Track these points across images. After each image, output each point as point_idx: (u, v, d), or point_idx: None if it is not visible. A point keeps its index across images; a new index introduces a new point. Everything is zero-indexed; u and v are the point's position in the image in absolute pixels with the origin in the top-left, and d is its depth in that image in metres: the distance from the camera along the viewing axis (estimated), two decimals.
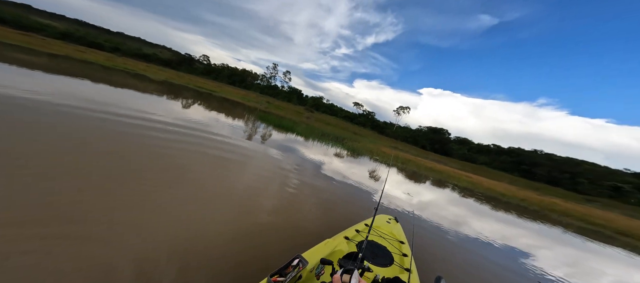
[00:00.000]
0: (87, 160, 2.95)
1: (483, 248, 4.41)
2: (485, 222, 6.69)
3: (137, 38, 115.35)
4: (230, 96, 28.05)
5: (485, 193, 13.18)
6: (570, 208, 15.00)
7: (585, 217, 12.87)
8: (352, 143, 17.56)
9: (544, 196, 19.28)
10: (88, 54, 27.02)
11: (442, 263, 3.28)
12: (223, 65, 74.63)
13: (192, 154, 4.32)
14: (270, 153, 6.43)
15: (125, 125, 4.79)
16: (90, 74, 12.17)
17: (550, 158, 55.17)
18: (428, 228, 4.55)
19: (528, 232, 7.08)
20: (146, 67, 33.81)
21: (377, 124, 65.72)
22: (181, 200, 2.68)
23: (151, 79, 19.75)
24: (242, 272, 1.86)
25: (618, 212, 21.90)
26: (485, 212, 8.30)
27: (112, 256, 1.68)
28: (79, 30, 64.25)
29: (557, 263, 4.85)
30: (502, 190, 15.69)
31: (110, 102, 6.57)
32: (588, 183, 45.68)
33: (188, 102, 12.32)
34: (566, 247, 6.46)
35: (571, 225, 9.90)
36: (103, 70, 16.10)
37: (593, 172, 49.58)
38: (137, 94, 10.24)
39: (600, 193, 42.13)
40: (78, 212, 2.03)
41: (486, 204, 9.76)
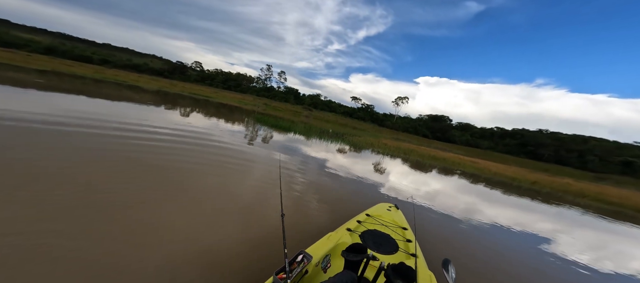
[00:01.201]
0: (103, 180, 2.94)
1: (497, 234, 4.15)
2: (498, 208, 6.19)
3: (126, 49, 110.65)
4: (227, 101, 27.73)
5: (494, 178, 12.45)
6: (584, 188, 14.10)
7: (600, 197, 12.02)
8: (352, 139, 16.98)
9: (555, 177, 18.32)
10: (77, 68, 26.57)
11: (450, 248, 3.14)
12: (217, 70, 73.79)
13: (196, 163, 4.26)
14: (272, 155, 6.27)
15: (132, 139, 4.82)
16: (85, 89, 11.91)
17: (555, 138, 53.23)
18: (434, 215, 4.36)
19: (544, 215, 6.49)
20: (138, 77, 33.20)
21: (376, 116, 64.64)
22: (190, 208, 2.68)
23: (145, 90, 19.36)
24: (251, 271, 1.84)
25: (634, 189, 20.73)
26: (496, 198, 7.70)
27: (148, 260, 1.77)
28: (65, 44, 63.38)
29: (581, 247, 4.35)
30: (511, 174, 14.87)
31: (115, 117, 6.62)
32: (598, 160, 43.96)
33: (186, 111, 12.00)
34: (588, 230, 5.87)
35: (589, 206, 9.15)
36: (96, 84, 15.79)
37: (601, 148, 47.63)
38: (136, 106, 9.98)
39: (611, 169, 40.48)
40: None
41: (496, 189, 9.12)
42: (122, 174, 3.20)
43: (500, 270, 2.90)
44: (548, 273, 3.07)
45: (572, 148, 48.04)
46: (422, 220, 3.73)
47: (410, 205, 4.04)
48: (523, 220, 5.51)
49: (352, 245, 1.33)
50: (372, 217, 2.32)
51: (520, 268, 3.08)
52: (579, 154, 46.32)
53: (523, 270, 3.05)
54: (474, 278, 2.52)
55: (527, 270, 3.05)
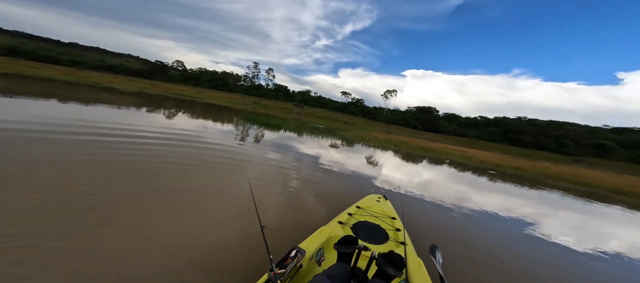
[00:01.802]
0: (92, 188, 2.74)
1: (483, 219, 4.22)
2: (484, 195, 6.29)
3: (97, 48, 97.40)
4: (215, 101, 26.77)
5: (481, 166, 12.77)
6: (562, 171, 14.78)
7: (577, 179, 12.63)
8: (344, 133, 16.90)
9: (535, 162, 19.12)
10: (42, 70, 24.50)
11: (437, 234, 3.21)
12: (201, 69, 70.71)
13: (185, 164, 4.09)
14: (264, 154, 6.10)
15: (114, 144, 4.49)
16: (56, 93, 10.98)
17: (533, 124, 55.77)
18: (421, 204, 4.42)
19: (527, 199, 6.68)
20: (113, 78, 31.08)
21: (367, 110, 64.96)
22: (182, 210, 2.59)
23: (123, 92, 18.20)
24: (247, 269, 1.80)
25: (606, 170, 22.05)
26: (483, 185, 7.87)
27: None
28: (25, 43, 57.64)
29: (565, 229, 4.47)
30: (496, 161, 15.33)
31: (95, 121, 6.20)
32: (573, 144, 46.48)
33: (171, 112, 11.38)
34: (569, 212, 6.06)
35: (567, 189, 9.56)
36: (68, 87, 14.66)
37: (575, 132, 50.40)
38: (116, 109, 9.31)
39: (585, 152, 42.92)
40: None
41: (482, 177, 9.32)
42: (107, 179, 2.98)
43: (485, 253, 2.93)
44: (530, 255, 3.13)
45: (549, 133, 50.52)
46: (410, 209, 3.80)
47: (398, 195, 4.12)
48: (508, 205, 5.62)
49: (344, 237, 1.34)
50: (362, 209, 2.34)
51: (504, 250, 3.12)
52: (555, 139, 48.78)
53: (507, 252, 3.09)
54: (461, 261, 2.58)
55: (511, 253, 3.10)
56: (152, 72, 62.40)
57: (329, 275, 1.09)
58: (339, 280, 1.11)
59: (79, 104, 8.83)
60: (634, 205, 8.24)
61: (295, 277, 1.23)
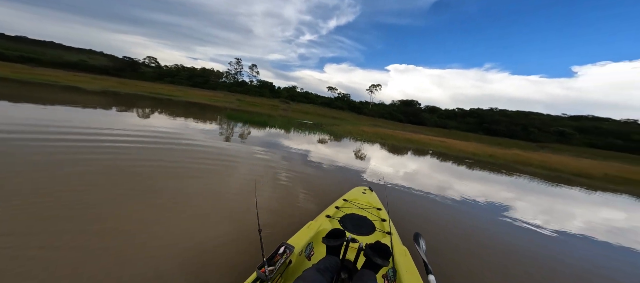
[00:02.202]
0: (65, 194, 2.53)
1: (462, 206, 4.40)
2: (462, 182, 6.60)
3: (51, 43, 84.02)
4: (195, 99, 25.41)
5: (459, 155, 13.45)
6: (530, 157, 16.05)
7: (543, 164, 13.78)
8: (332, 128, 16.88)
9: (507, 149, 20.58)
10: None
11: (420, 222, 3.32)
12: (178, 66, 66.38)
13: (173, 167, 3.87)
14: (252, 152, 5.91)
15: (83, 147, 4.15)
16: (5, 93, 9.63)
17: (504, 114, 59.95)
18: (405, 193, 4.54)
19: (501, 185, 7.10)
20: (73, 76, 28.12)
21: (353, 105, 65.62)
22: (168, 212, 2.49)
23: (88, 91, 16.50)
24: (236, 269, 1.75)
25: (567, 155, 24.37)
26: (461, 173, 8.25)
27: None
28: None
29: (534, 211, 4.77)
30: (472, 149, 16.24)
31: (62, 123, 5.69)
32: (538, 131, 50.66)
33: (147, 112, 10.52)
34: (537, 195, 6.52)
35: (535, 173, 10.38)
36: (22, 87, 13.01)
37: (539, 120, 54.98)
38: (84, 110, 8.39)
39: (548, 139, 47.06)
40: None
41: (461, 165, 9.79)
42: (82, 184, 2.76)
43: (465, 237, 3.08)
44: (506, 237, 3.32)
45: (518, 122, 54.61)
46: (395, 199, 3.86)
47: (383, 186, 4.20)
48: (484, 190, 5.95)
49: (332, 230, 1.36)
50: (349, 202, 2.37)
51: (482, 234, 3.29)
52: (523, 127, 52.85)
53: (485, 236, 3.25)
54: (443, 246, 2.68)
55: (489, 236, 3.27)
56: (120, 69, 57.41)
57: (319, 269, 1.09)
58: (329, 273, 1.11)
59: (40, 105, 7.85)
60: (591, 186, 9.17)
61: (285, 273, 1.22)
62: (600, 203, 6.72)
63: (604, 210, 5.92)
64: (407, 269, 1.32)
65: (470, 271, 2.31)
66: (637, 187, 10.60)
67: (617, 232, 4.23)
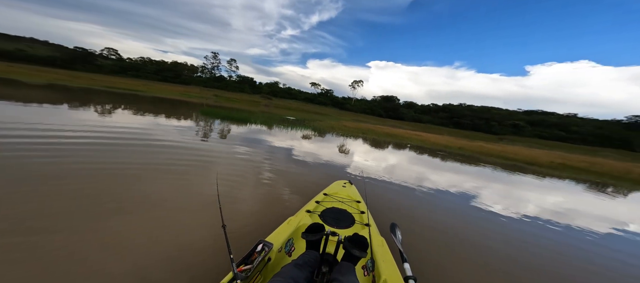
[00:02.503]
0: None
1: (435, 195, 4.66)
2: (435, 173, 7.02)
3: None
4: (165, 94, 23.24)
5: (433, 147, 14.36)
6: (491, 148, 17.77)
7: (502, 154, 15.35)
8: (315, 124, 16.78)
9: (473, 141, 22.54)
10: None
11: (396, 213, 3.41)
12: (144, 59, 60.53)
13: (144, 169, 3.59)
14: (229, 150, 5.66)
15: (35, 147, 3.68)
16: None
17: (471, 109, 65.53)
18: (382, 185, 4.68)
19: (470, 175, 7.72)
20: (6, 67, 24.19)
21: (336, 100, 66.20)
22: (144, 213, 2.37)
23: (29, 84, 14.18)
24: (213, 270, 1.63)
25: (521, 145, 27.47)
26: (435, 164, 8.81)
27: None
28: None
29: (495, 198, 5.25)
30: (444, 142, 17.46)
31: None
32: (497, 124, 56.30)
33: (106, 109, 9.40)
34: (498, 183, 7.24)
35: (496, 163, 11.53)
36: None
37: (499, 115, 61.13)
38: (27, 106, 7.18)
39: (506, 131, 52.57)
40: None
41: (435, 157, 10.45)
42: (35, 189, 2.46)
43: (438, 225, 3.28)
44: (474, 223, 3.62)
45: (482, 117, 60.15)
46: (373, 191, 3.93)
47: (361, 179, 4.29)
48: (455, 180, 6.40)
49: (311, 225, 1.33)
50: (329, 196, 2.37)
51: (453, 221, 3.53)
52: (485, 121, 58.37)
53: (455, 222, 3.51)
54: (417, 235, 2.80)
55: (459, 222, 3.54)
56: (70, 61, 50.16)
57: (297, 264, 1.08)
58: (308, 267, 1.11)
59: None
60: (540, 173, 10.46)
61: (263, 270, 1.20)
62: (549, 188, 7.71)
63: (553, 194, 6.79)
64: (384, 259, 1.33)
65: (442, 256, 2.44)
66: (576, 172, 12.41)
67: (564, 212, 4.88)
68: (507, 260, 2.64)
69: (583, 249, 3.28)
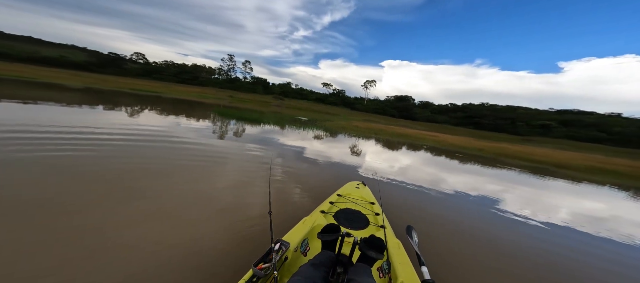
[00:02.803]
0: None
1: (454, 198, 4.41)
2: (453, 175, 6.58)
3: (28, 38, 77.53)
4: (184, 96, 24.54)
5: (449, 148, 13.51)
6: (517, 150, 16.37)
7: (529, 157, 14.04)
8: (325, 124, 16.63)
9: (495, 143, 20.97)
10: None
11: (412, 214, 3.32)
12: (167, 62, 64.11)
13: (166, 165, 3.79)
14: (242, 148, 5.77)
15: (66, 145, 3.97)
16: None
17: (493, 109, 61.27)
18: (397, 187, 4.52)
19: (492, 178, 7.10)
20: (52, 72, 26.57)
21: (348, 100, 65.50)
22: (165, 212, 2.40)
23: (68, 88, 15.62)
24: (231, 268, 1.67)
25: (551, 147, 25.11)
26: (452, 166, 8.24)
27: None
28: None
29: (521, 203, 4.76)
30: (462, 143, 16.39)
31: (46, 122, 5.38)
32: (524, 125, 52.08)
33: (133, 109, 10.02)
34: (524, 187, 6.55)
35: (522, 166, 10.52)
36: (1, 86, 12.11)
37: (526, 115, 56.50)
38: (67, 108, 7.82)
39: (533, 132, 48.48)
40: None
41: (453, 159, 9.79)
42: (74, 185, 2.64)
43: (456, 229, 3.06)
44: (496, 229, 3.31)
45: (506, 116, 56.00)
46: (387, 193, 3.84)
47: (375, 180, 4.21)
48: (475, 183, 5.94)
49: (327, 226, 1.35)
50: (343, 196, 2.37)
51: (473, 225, 3.27)
52: (510, 122, 54.25)
53: (477, 227, 3.22)
54: (435, 238, 2.68)
55: (481, 227, 3.28)
56: (103, 65, 54.46)
57: (314, 264, 1.10)
58: (324, 268, 1.12)
59: (18, 102, 7.24)
60: (575, 178, 9.35)
61: (281, 269, 1.22)
62: (586, 194, 6.81)
63: (590, 201, 5.96)
64: (400, 261, 1.32)
65: (462, 261, 2.28)
66: (618, 177, 10.95)
67: (604, 222, 4.22)
68: (534, 270, 2.34)
69: (629, 265, 2.76)
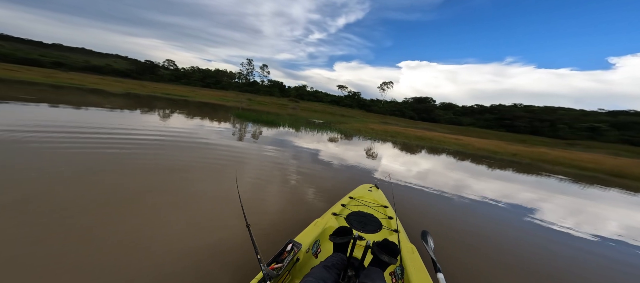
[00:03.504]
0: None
1: (478, 205, 4.06)
2: (481, 182, 6.02)
3: (81, 49, 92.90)
4: (208, 99, 26.34)
5: (477, 153, 12.41)
6: (559, 155, 14.51)
7: (575, 163, 12.33)
8: (340, 126, 16.42)
9: (532, 147, 18.86)
10: (23, 73, 23.13)
11: (429, 221, 3.14)
12: (193, 68, 68.42)
13: (189, 163, 3.99)
14: (256, 151, 5.79)
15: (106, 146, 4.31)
16: (45, 97, 10.24)
17: (528, 110, 55.50)
18: (412, 191, 4.30)
19: (525, 185, 6.36)
20: (99, 79, 29.82)
21: (363, 102, 64.30)
22: (178, 212, 2.44)
23: (111, 93, 17.50)
24: (245, 268, 1.68)
25: (603, 152, 21.90)
26: (477, 171, 7.54)
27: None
28: (3, 46, 54.81)
29: (563, 213, 4.23)
30: (493, 147, 14.99)
31: (91, 123, 6.07)
32: (567, 127, 46.32)
33: (164, 112, 10.87)
34: (567, 196, 5.74)
35: (567, 174, 9.24)
36: (55, 91, 13.90)
37: (569, 116, 50.25)
38: (109, 111, 8.79)
39: (579, 135, 42.86)
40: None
41: (479, 164, 8.96)
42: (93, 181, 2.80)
43: (478, 238, 2.79)
44: (527, 241, 2.90)
45: (544, 118, 50.35)
46: (403, 197, 3.72)
47: (389, 183, 4.12)
48: (504, 190, 5.35)
49: (339, 228, 1.36)
50: (355, 199, 2.36)
51: (498, 235, 2.95)
52: (550, 123, 48.64)
53: (501, 237, 2.91)
54: (453, 246, 2.50)
55: (506, 237, 2.93)
56: (141, 72, 60.10)
57: (326, 266, 1.11)
58: (335, 270, 1.13)
59: (67, 107, 8.26)
60: (630, 187, 7.93)
61: (292, 270, 1.23)
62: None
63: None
64: (415, 267, 1.30)
65: (483, 272, 2.12)
66: None
67: None
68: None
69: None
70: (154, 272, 1.54)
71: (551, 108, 56.07)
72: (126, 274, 1.50)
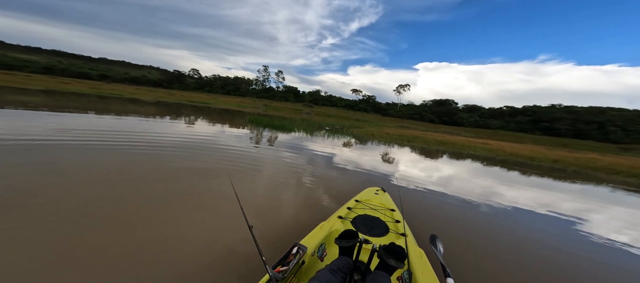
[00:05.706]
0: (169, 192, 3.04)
1: (520, 216, 3.74)
2: (518, 190, 5.44)
3: (122, 62, 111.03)
4: (227, 106, 27.76)
5: (509, 159, 11.14)
6: (614, 162, 12.52)
7: (636, 171, 10.47)
8: (353, 131, 15.98)
9: (577, 152, 16.64)
10: (73, 85, 26.25)
11: (439, 223, 3.06)
12: (214, 76, 72.58)
13: (197, 168, 4.09)
14: (268, 155, 5.91)
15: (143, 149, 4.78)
16: (93, 107, 11.55)
17: (570, 111, 49.88)
18: (421, 195, 4.13)
19: (571, 195, 5.58)
20: (135, 89, 32.87)
21: (379, 106, 62.94)
22: (185, 215, 2.49)
23: (145, 102, 19.18)
24: (252, 271, 1.71)
25: None
26: (516, 179, 6.72)
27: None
28: (61, 62, 63.94)
29: (617, 226, 3.80)
30: (528, 152, 13.43)
31: (137, 130, 6.71)
32: (620, 130, 40.69)
33: (189, 119, 11.61)
34: (625, 208, 4.92)
35: (624, 184, 7.80)
36: (101, 101, 15.47)
37: (622, 117, 44.13)
38: (142, 118, 9.53)
39: (635, 139, 37.31)
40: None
41: (514, 171, 8.00)
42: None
43: (500, 247, 2.64)
44: (579, 255, 2.66)
45: (590, 120, 44.78)
46: (412, 201, 3.65)
47: (396, 186, 4.07)
48: (544, 199, 4.79)
49: (344, 231, 1.36)
50: (361, 202, 2.36)
51: (525, 245, 2.72)
52: (598, 126, 43.13)
53: (529, 247, 2.69)
54: (464, 252, 2.42)
55: (536, 248, 2.70)
56: (170, 82, 65.34)
57: (331, 269, 1.11)
58: (341, 274, 1.12)
59: (110, 115, 9.07)
60: None
61: (298, 273, 1.24)
62: None
63: None
64: (423, 271, 1.28)
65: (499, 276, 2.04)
66: None
67: None
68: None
69: None
70: (179, 269, 1.67)
71: (598, 108, 49.84)
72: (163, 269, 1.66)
